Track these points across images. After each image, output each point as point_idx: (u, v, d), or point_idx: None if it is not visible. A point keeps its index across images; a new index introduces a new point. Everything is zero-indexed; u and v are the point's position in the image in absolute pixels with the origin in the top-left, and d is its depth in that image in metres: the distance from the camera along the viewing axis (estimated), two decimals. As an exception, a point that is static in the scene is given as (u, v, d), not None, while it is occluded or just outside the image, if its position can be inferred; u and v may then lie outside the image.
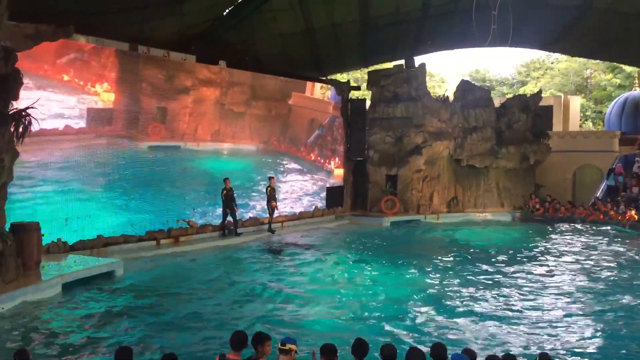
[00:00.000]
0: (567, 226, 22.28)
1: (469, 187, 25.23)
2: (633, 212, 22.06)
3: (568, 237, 20.09)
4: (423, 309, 10.85)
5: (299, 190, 22.66)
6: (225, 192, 17.61)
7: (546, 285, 13.00)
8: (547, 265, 15.25)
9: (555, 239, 19.80)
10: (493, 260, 15.78)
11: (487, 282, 13.18)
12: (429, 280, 13.40)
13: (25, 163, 13.28)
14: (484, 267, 14.85)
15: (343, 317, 10.40)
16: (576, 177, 27.98)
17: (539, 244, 18.54)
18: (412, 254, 16.92)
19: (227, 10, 18.16)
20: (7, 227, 11.46)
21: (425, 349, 5.97)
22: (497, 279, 13.46)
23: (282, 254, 16.18)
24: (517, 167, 25.25)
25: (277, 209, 19.47)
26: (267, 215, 19.28)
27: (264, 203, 19.37)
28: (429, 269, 14.51)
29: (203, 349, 8.33)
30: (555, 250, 17.50)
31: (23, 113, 11.61)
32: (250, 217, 19.62)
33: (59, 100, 14.61)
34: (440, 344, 5.92)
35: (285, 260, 15.38)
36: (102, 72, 15.84)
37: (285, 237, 19.08)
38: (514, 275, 13.93)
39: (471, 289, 12.41)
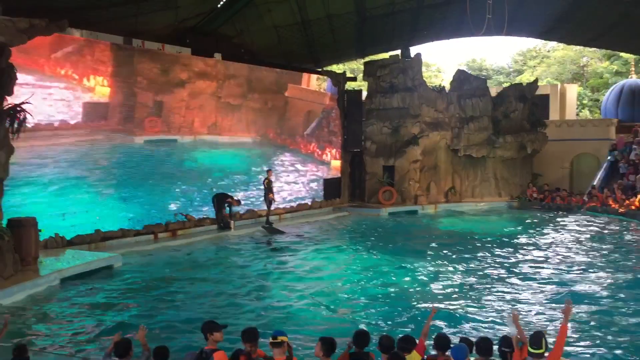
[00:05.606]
0: (565, 214, 22.35)
1: (466, 177, 25.26)
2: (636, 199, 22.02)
3: (566, 225, 20.15)
4: (421, 298, 10.87)
5: (296, 182, 22.64)
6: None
7: (545, 273, 13.02)
8: (545, 253, 15.30)
9: (554, 227, 19.84)
10: (491, 249, 15.83)
11: (484, 270, 13.22)
12: (428, 270, 13.41)
13: (21, 159, 13.25)
14: (482, 255, 14.88)
15: (340, 307, 10.42)
16: (573, 166, 27.99)
17: (536, 233, 18.60)
18: (410, 244, 16.95)
19: (222, 3, 18.08)
20: (4, 222, 11.47)
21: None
22: (494, 268, 13.49)
23: (275, 242, 16.38)
24: (514, 156, 25.28)
25: (274, 201, 19.47)
26: (265, 207, 19.31)
27: (262, 195, 19.37)
28: (428, 259, 14.52)
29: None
30: (553, 238, 17.55)
31: (18, 108, 11.57)
32: (248, 210, 19.61)
33: (54, 95, 14.56)
34: (442, 334, 5.96)
35: (282, 252, 15.39)
36: (97, 66, 15.79)
37: (283, 229, 19.07)
38: (512, 263, 13.96)
39: (469, 278, 12.44)
